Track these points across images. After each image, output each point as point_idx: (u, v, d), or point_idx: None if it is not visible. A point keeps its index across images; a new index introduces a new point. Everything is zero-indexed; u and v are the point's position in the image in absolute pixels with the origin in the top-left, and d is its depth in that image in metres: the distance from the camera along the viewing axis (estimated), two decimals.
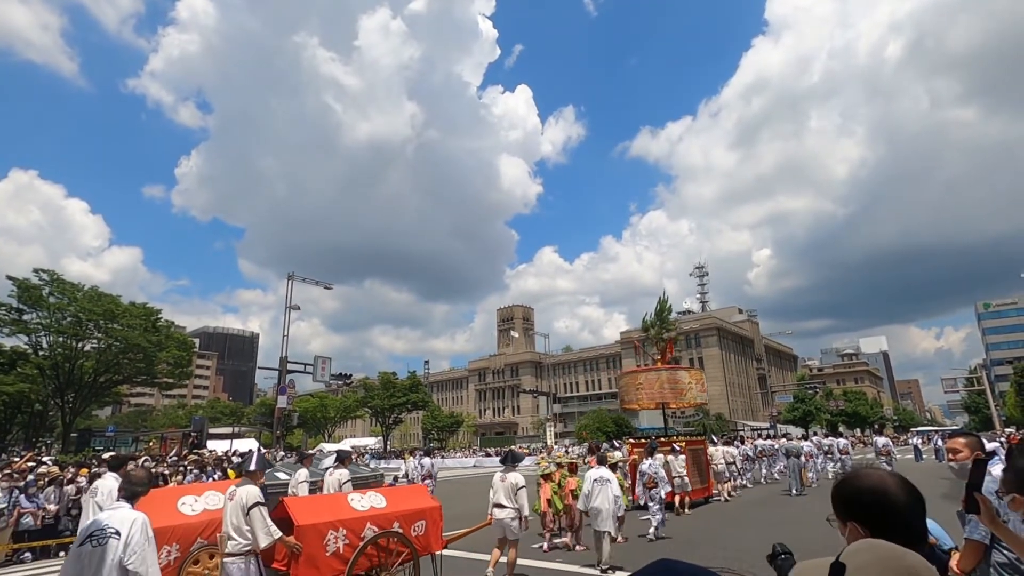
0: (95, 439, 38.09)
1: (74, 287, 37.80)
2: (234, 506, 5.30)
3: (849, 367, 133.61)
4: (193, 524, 7.04)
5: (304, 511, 6.03)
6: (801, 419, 70.86)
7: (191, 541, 6.93)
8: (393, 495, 7.09)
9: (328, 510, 6.33)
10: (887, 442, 22.17)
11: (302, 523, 5.77)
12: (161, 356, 40.66)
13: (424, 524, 6.80)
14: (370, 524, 6.27)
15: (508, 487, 8.04)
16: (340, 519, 6.12)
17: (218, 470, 16.70)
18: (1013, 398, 66.98)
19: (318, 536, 5.81)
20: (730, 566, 7.60)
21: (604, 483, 9.02)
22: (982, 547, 2.85)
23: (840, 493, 1.42)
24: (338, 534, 5.96)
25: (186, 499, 7.37)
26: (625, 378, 19.60)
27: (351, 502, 6.53)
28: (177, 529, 6.91)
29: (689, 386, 17.98)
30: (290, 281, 28.77)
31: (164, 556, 6.55)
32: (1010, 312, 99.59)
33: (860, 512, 1.34)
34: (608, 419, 66.95)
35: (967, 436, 3.41)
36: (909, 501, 1.33)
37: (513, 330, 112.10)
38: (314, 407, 71.67)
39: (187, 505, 7.27)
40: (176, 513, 7.16)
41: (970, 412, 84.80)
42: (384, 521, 6.40)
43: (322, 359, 30.91)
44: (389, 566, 6.16)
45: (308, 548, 5.68)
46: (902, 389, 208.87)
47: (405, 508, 6.78)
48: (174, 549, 6.80)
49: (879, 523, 1.31)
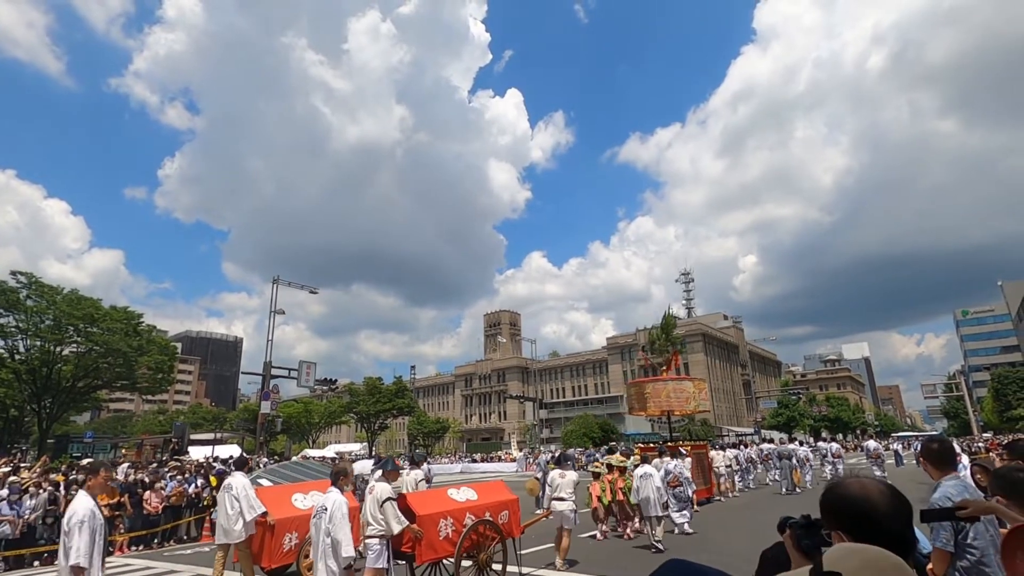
0: (73, 445, 37.36)
1: (53, 290, 37.08)
2: (372, 499, 6.39)
3: (832, 373, 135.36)
4: (306, 516, 8.02)
5: (422, 504, 7.18)
6: (785, 424, 71.59)
7: (306, 530, 7.94)
8: (483, 490, 8.37)
9: (438, 503, 7.49)
10: (878, 446, 23.55)
11: (422, 513, 6.91)
12: (142, 361, 39.98)
13: (507, 513, 8.18)
14: (469, 513, 7.51)
15: (568, 484, 9.55)
16: (447, 510, 7.36)
17: (200, 476, 16.43)
18: (990, 404, 68.33)
19: (433, 524, 7.01)
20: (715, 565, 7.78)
21: (648, 477, 10.76)
22: (948, 555, 2.93)
23: (825, 503, 1.41)
24: (447, 522, 7.19)
25: (297, 496, 8.96)
26: (633, 388, 20.92)
27: (452, 496, 7.76)
28: (295, 520, 8.45)
29: (693, 395, 19.28)
30: (275, 285, 28.50)
31: (287, 542, 8.37)
32: (988, 319, 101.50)
33: (845, 522, 1.33)
34: (594, 424, 67.06)
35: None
36: (892, 511, 1.30)
37: (500, 335, 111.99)
38: (298, 413, 70.89)
39: (299, 500, 8.81)
40: (292, 507, 8.69)
41: (949, 417, 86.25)
42: (479, 511, 7.66)
43: (307, 364, 30.59)
44: (485, 547, 7.38)
45: (427, 534, 6.81)
46: (883, 395, 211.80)
47: (493, 500, 8.17)
48: (294, 536, 8.41)
49: (862, 533, 1.29)
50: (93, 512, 5.13)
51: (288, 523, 8.38)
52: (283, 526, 8.33)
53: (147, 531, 14.04)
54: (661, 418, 34.14)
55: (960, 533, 2.90)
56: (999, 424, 61.07)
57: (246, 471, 8.74)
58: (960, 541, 2.89)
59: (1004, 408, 62.34)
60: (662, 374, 21.16)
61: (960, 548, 2.89)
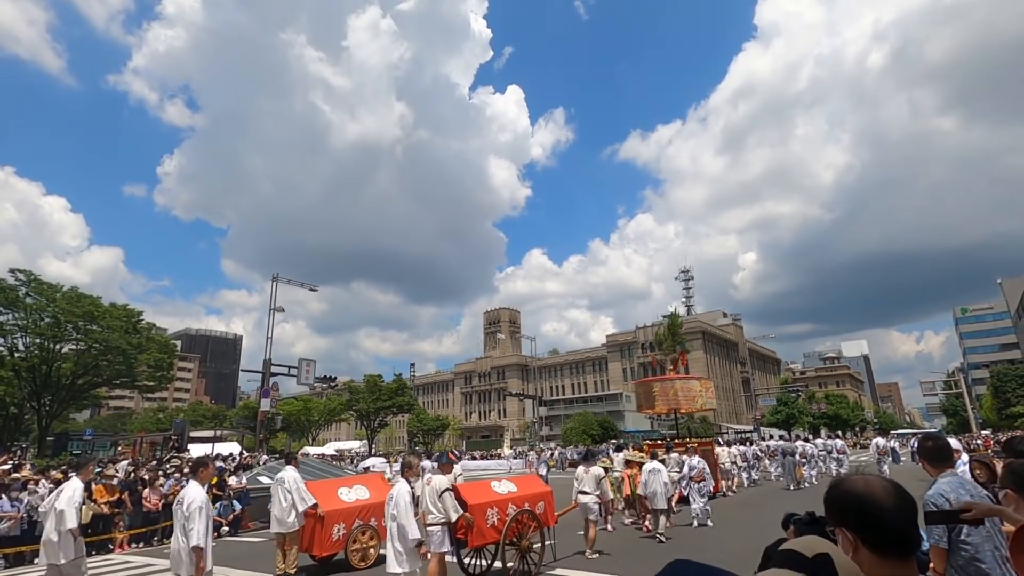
0: (72, 442, 37.39)
1: (52, 288, 37.02)
2: (431, 490, 6.96)
3: (831, 370, 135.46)
4: (352, 508, 9.35)
5: (471, 495, 7.86)
6: (784, 422, 71.61)
7: (352, 521, 9.28)
8: (521, 482, 9.13)
9: (484, 494, 8.20)
10: (886, 443, 23.91)
11: (472, 503, 7.62)
12: (142, 359, 39.95)
13: (544, 504, 8.94)
14: (511, 504, 8.25)
15: (591, 478, 10.30)
16: (493, 500, 8.13)
17: None
18: (989, 401, 68.41)
19: (482, 513, 7.73)
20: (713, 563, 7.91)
21: (656, 472, 11.42)
22: (944, 551, 2.93)
23: (829, 499, 1.42)
24: (493, 511, 7.93)
25: (342, 489, 9.72)
26: (642, 387, 21.55)
27: (495, 488, 8.51)
28: (342, 512, 9.22)
29: (700, 394, 19.92)
30: (275, 283, 28.48)
31: (335, 532, 9.13)
32: (987, 317, 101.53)
33: (849, 519, 1.33)
34: (594, 422, 67.07)
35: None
36: (896, 509, 1.30)
37: (500, 333, 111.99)
38: (298, 410, 70.89)
39: (344, 494, 9.62)
40: (338, 500, 9.43)
41: (948, 415, 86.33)
42: (519, 502, 8.41)
43: (306, 361, 30.61)
44: (526, 534, 8.16)
45: (476, 521, 7.51)
46: (882, 392, 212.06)
47: (531, 492, 8.90)
48: (342, 527, 9.16)
49: (864, 529, 1.30)
50: (207, 499, 6.01)
51: (336, 515, 9.12)
52: (331, 518, 9.06)
53: (147, 528, 14.06)
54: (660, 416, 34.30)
55: (954, 530, 2.91)
56: (998, 421, 61.13)
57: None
58: (954, 538, 2.90)
59: (1003, 405, 62.40)
60: (669, 373, 21.66)
61: (954, 545, 2.89)
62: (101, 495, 13.40)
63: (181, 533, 5.80)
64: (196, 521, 5.71)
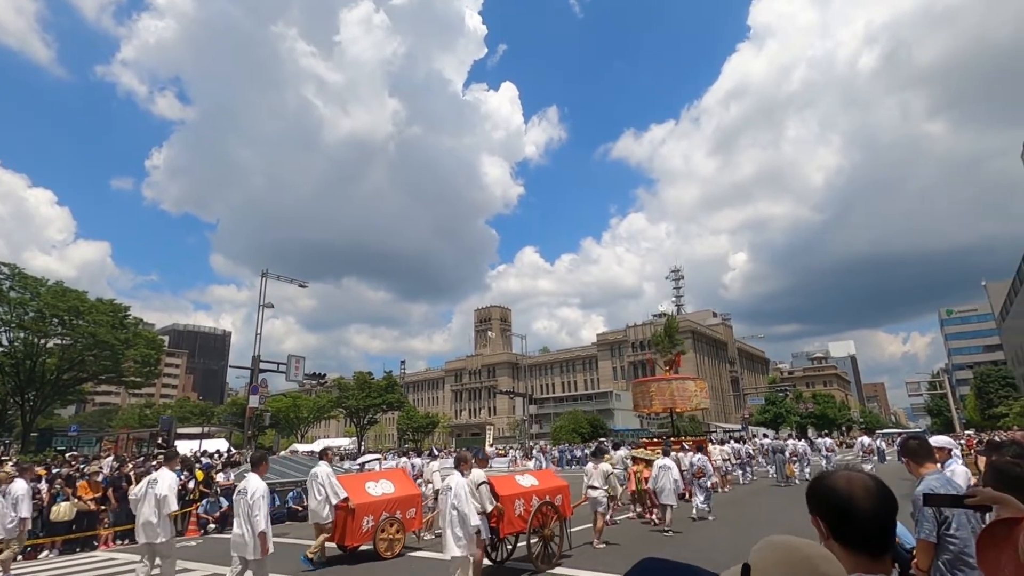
0: (57, 439, 36.87)
1: (37, 281, 36.53)
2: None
3: (818, 370, 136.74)
4: (380, 501, 10.04)
5: (502, 487, 8.52)
6: (772, 421, 72.22)
7: (380, 514, 9.93)
8: (541, 477, 10.02)
9: (511, 487, 8.96)
10: (871, 442, 25.09)
11: (503, 495, 8.29)
12: (128, 354, 39.54)
13: (561, 497, 9.70)
14: (535, 496, 9.06)
15: (600, 474, 10.96)
16: (519, 492, 8.92)
17: (186, 469, 16.29)
18: (973, 402, 69.41)
19: (511, 504, 8.50)
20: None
21: (667, 469, 11.90)
22: (932, 545, 2.95)
23: (813, 490, 1.47)
24: (519, 503, 8.75)
25: (369, 484, 10.42)
26: (639, 387, 22.09)
27: (519, 482, 9.36)
28: (370, 505, 9.89)
29: (695, 394, 20.48)
30: (264, 279, 28.27)
31: (365, 524, 9.77)
32: (972, 319, 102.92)
33: (825, 510, 1.39)
34: (584, 420, 67.25)
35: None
36: (872, 509, 1.33)
37: (490, 331, 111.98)
38: (287, 407, 70.51)
39: (372, 488, 10.25)
40: (367, 494, 10.06)
41: (932, 415, 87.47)
42: (541, 494, 9.22)
43: (296, 358, 30.40)
44: (547, 524, 8.93)
45: (506, 512, 8.19)
46: (869, 392, 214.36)
47: (551, 485, 9.74)
48: (370, 519, 9.82)
49: (839, 523, 1.35)
50: (267, 489, 6.73)
51: (365, 507, 9.76)
52: (361, 510, 9.70)
53: (132, 525, 13.87)
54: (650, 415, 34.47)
55: (943, 524, 2.93)
56: (981, 422, 62.00)
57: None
58: (942, 533, 2.92)
59: (986, 406, 63.33)
60: (665, 374, 22.04)
61: (942, 540, 2.92)
62: (85, 491, 13.25)
63: (245, 520, 6.48)
64: (260, 509, 6.45)
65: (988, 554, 1.41)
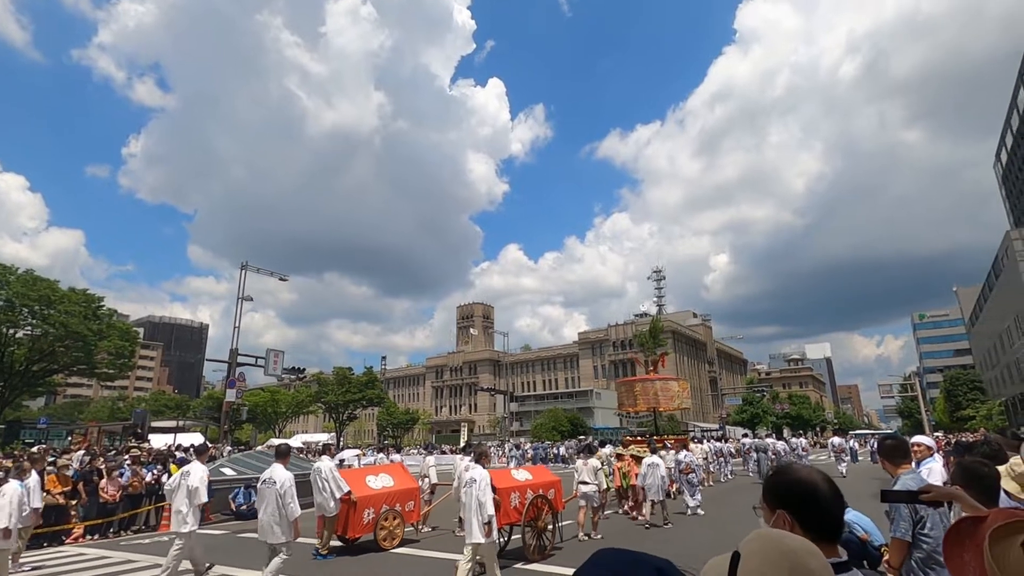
0: (25, 431, 35.90)
1: (6, 269, 35.54)
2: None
3: (795, 372, 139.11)
4: (380, 494, 10.43)
5: (499, 480, 8.72)
6: (749, 421, 73.28)
7: (380, 506, 10.30)
8: (534, 472, 10.51)
9: (507, 480, 9.51)
10: (842, 442, 27.17)
11: (500, 487, 8.52)
12: (102, 346, 38.67)
13: (554, 491, 10.08)
14: (529, 489, 9.50)
15: (590, 469, 11.34)
16: (515, 486, 9.42)
17: (159, 463, 16.01)
18: (942, 404, 71.20)
19: (507, 496, 8.97)
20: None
21: (655, 467, 12.40)
22: (906, 544, 2.99)
23: (774, 484, 1.53)
24: (515, 495, 9.25)
25: (370, 477, 10.87)
26: (624, 386, 22.41)
27: (515, 475, 9.93)
28: (371, 498, 10.26)
29: (677, 393, 21.06)
30: (243, 271, 27.88)
31: (366, 516, 10.15)
32: (943, 323, 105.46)
33: (791, 502, 1.45)
34: (564, 418, 67.60)
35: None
36: (832, 496, 1.45)
37: (472, 328, 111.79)
38: (265, 401, 69.66)
39: (372, 481, 10.71)
40: (368, 487, 10.45)
41: (903, 417, 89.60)
42: (535, 488, 9.65)
43: (275, 352, 30.04)
44: (541, 516, 9.30)
45: (503, 503, 8.54)
46: (843, 394, 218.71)
47: (544, 480, 10.17)
48: (371, 511, 10.19)
49: (806, 513, 1.42)
50: (293, 477, 7.42)
51: (367, 500, 10.14)
52: (363, 503, 10.07)
53: (103, 520, 13.61)
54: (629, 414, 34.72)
55: (918, 524, 2.97)
56: (949, 424, 63.66)
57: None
58: (917, 532, 2.96)
59: (954, 408, 65.03)
60: (649, 374, 22.34)
61: (916, 538, 2.96)
62: (54, 485, 12.93)
63: (275, 507, 7.11)
64: (293, 498, 7.17)
65: (953, 551, 1.46)
